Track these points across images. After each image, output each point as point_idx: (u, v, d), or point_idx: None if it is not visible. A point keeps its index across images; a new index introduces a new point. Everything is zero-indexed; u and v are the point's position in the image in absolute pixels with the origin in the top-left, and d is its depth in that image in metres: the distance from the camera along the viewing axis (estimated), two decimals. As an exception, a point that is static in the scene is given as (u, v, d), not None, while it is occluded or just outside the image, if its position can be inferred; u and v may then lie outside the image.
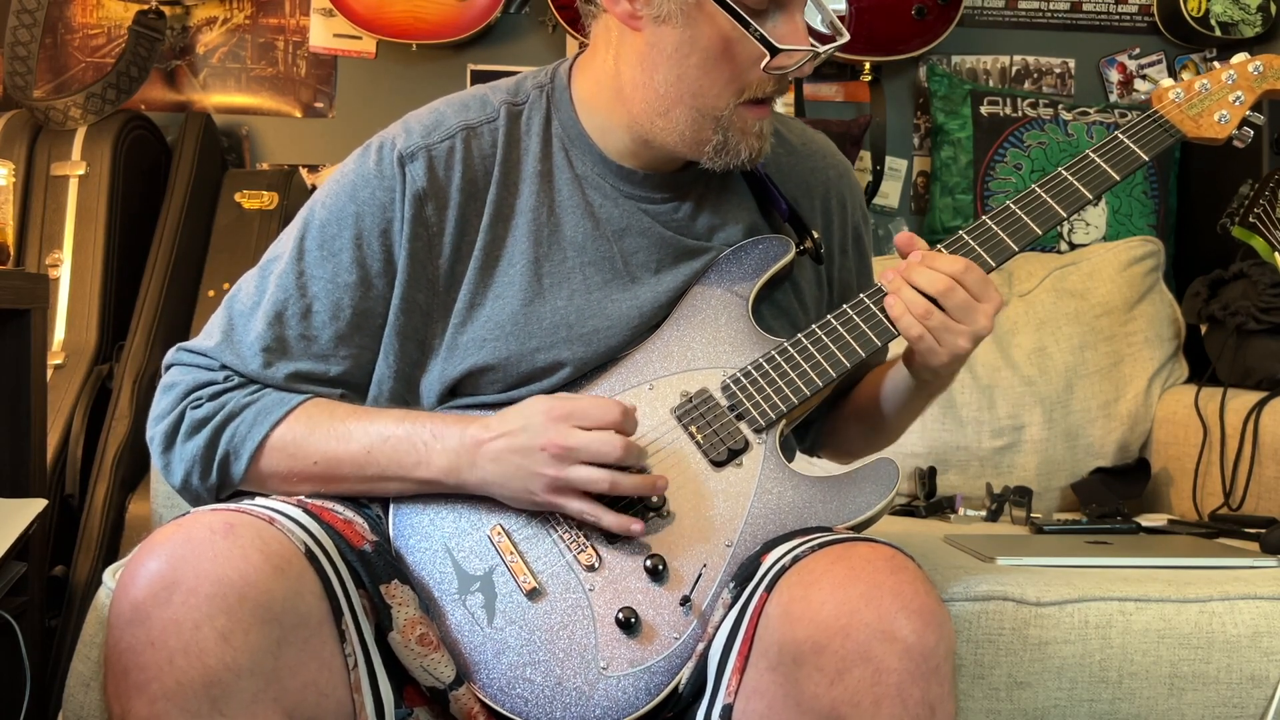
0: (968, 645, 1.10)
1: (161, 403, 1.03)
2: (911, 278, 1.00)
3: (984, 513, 1.73)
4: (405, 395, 1.06)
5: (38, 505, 1.37)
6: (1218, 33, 2.19)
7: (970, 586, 1.12)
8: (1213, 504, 1.71)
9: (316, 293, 1.03)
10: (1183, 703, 1.11)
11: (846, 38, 1.02)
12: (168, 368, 1.05)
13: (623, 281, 1.06)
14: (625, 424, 0.96)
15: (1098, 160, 1.07)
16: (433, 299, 1.05)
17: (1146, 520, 1.65)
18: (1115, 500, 1.75)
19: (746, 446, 1.01)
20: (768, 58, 0.97)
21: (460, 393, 1.06)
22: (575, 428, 0.94)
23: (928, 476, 1.79)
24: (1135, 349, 1.91)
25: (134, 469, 1.81)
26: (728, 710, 0.88)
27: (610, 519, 0.95)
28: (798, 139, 1.17)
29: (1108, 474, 1.84)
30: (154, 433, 1.02)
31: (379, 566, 0.94)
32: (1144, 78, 2.30)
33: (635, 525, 0.96)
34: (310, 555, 0.89)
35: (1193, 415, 1.78)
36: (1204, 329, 1.91)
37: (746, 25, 0.96)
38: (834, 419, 1.22)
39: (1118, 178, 1.07)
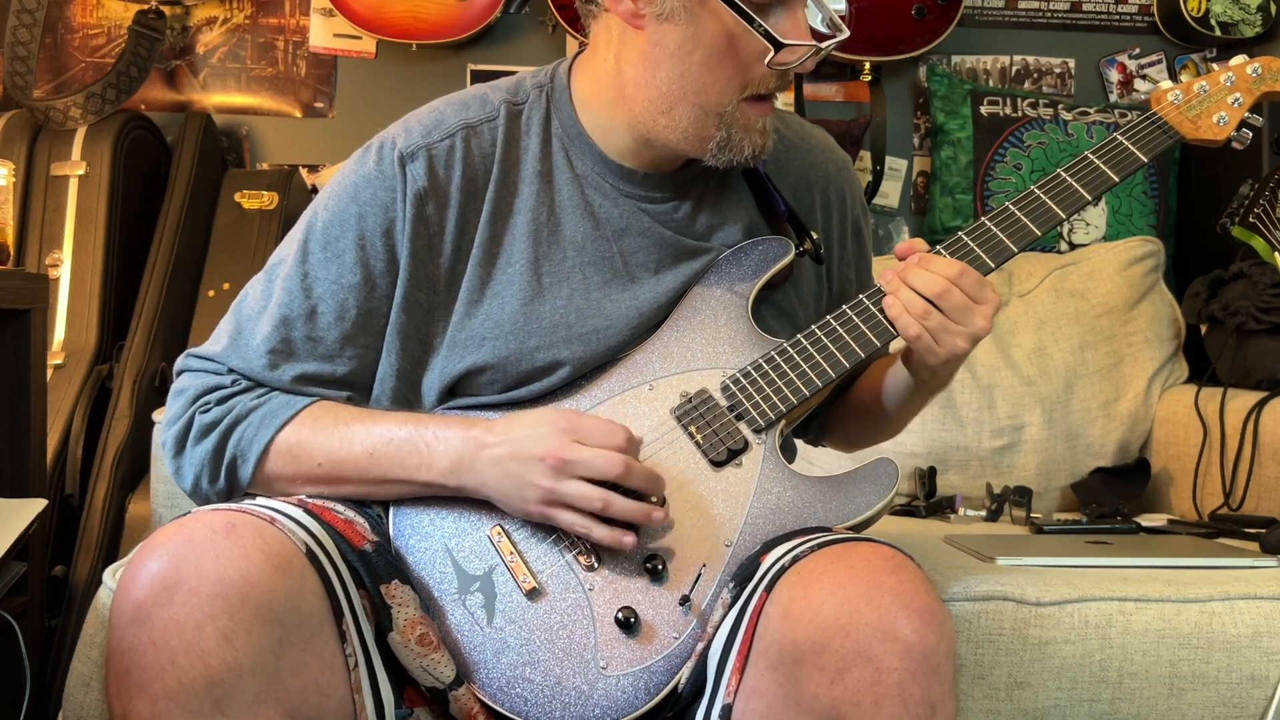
0: (968, 645, 1.10)
1: (172, 408, 1.04)
2: (908, 279, 1.00)
3: (984, 513, 1.73)
4: (407, 394, 1.06)
5: (38, 505, 1.37)
6: (1218, 33, 2.19)
7: (970, 586, 1.12)
8: (1213, 504, 1.71)
9: (321, 294, 1.03)
10: (1183, 703, 1.11)
11: (847, 33, 1.02)
12: (178, 374, 1.06)
13: (622, 281, 1.06)
14: (629, 448, 0.96)
15: (1097, 162, 1.07)
16: (434, 298, 1.05)
17: (1146, 520, 1.65)
18: (1115, 500, 1.75)
19: (746, 447, 1.01)
20: (772, 53, 0.97)
21: (460, 392, 1.06)
22: (577, 442, 0.94)
23: (928, 476, 1.79)
24: (1135, 349, 1.91)
25: (134, 469, 1.81)
26: (727, 710, 0.88)
27: (601, 531, 0.95)
28: (795, 134, 1.17)
29: (1108, 474, 1.84)
30: (165, 438, 1.03)
31: (380, 566, 0.94)
32: (1144, 78, 2.30)
33: (627, 538, 0.95)
34: (311, 555, 0.89)
35: (1193, 415, 1.78)
36: (1204, 329, 1.91)
37: (751, 21, 0.96)
38: (836, 412, 1.22)
39: (1117, 179, 1.07)
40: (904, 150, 2.30)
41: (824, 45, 0.99)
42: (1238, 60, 1.14)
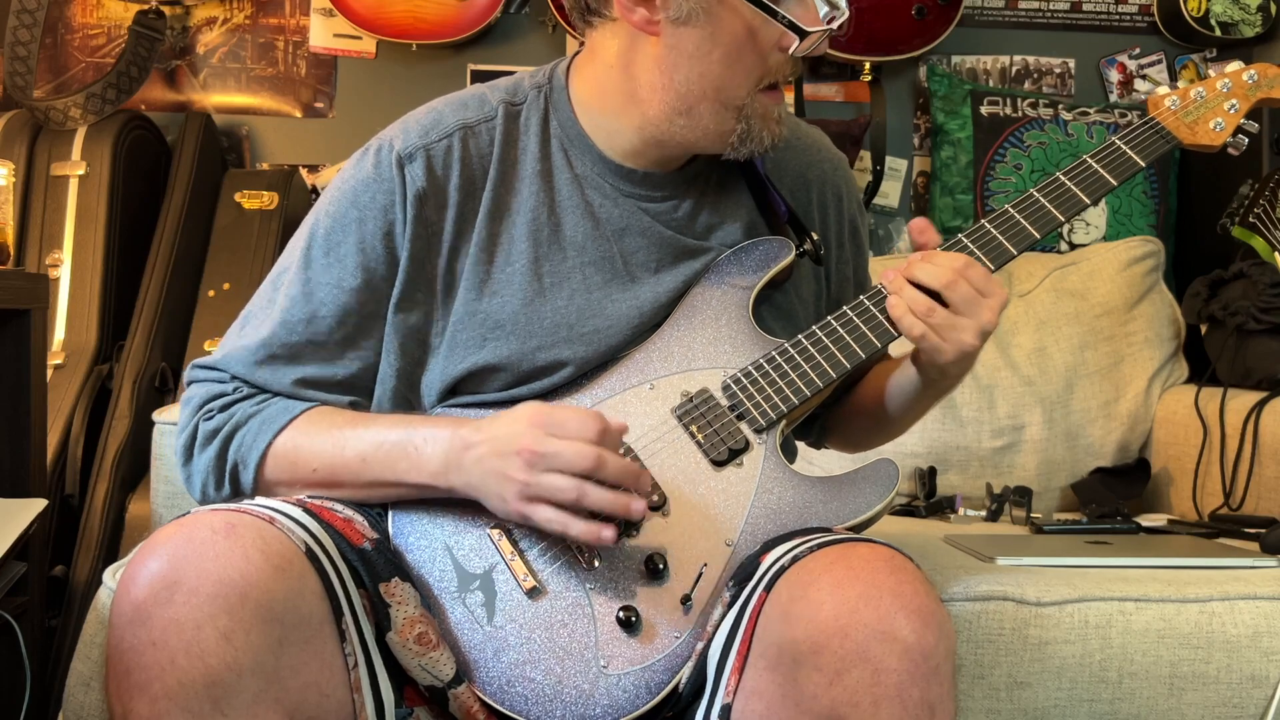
0: (968, 645, 1.10)
1: (181, 416, 1.05)
2: (913, 274, 1.00)
3: (984, 513, 1.73)
4: (407, 394, 1.06)
5: (38, 505, 1.37)
6: (1218, 33, 2.19)
7: (970, 586, 1.12)
8: (1213, 504, 1.71)
9: (323, 299, 1.03)
10: (1182, 703, 1.11)
11: (847, 12, 1.03)
12: (188, 383, 1.07)
13: (623, 281, 1.06)
14: (604, 439, 0.92)
15: (1096, 166, 1.08)
16: (432, 298, 1.05)
17: (1146, 520, 1.65)
18: (1115, 500, 1.75)
19: (747, 446, 1.01)
20: (796, 42, 0.99)
21: (461, 391, 1.06)
22: (550, 435, 0.92)
23: (928, 476, 1.79)
24: (1135, 349, 1.91)
25: (134, 469, 1.81)
26: (727, 710, 0.88)
27: (578, 527, 0.91)
28: (792, 133, 1.17)
29: (1108, 474, 1.84)
30: (175, 446, 1.04)
31: (379, 565, 0.95)
32: (1144, 78, 2.30)
33: (607, 532, 0.91)
34: (310, 555, 0.89)
35: (1193, 415, 1.78)
36: (1204, 329, 1.91)
37: (774, 14, 0.98)
38: (839, 413, 1.22)
39: (1115, 183, 1.08)
40: (904, 150, 2.30)
41: (835, 26, 1.01)
42: (1234, 67, 1.14)
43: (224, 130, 2.23)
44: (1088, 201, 1.07)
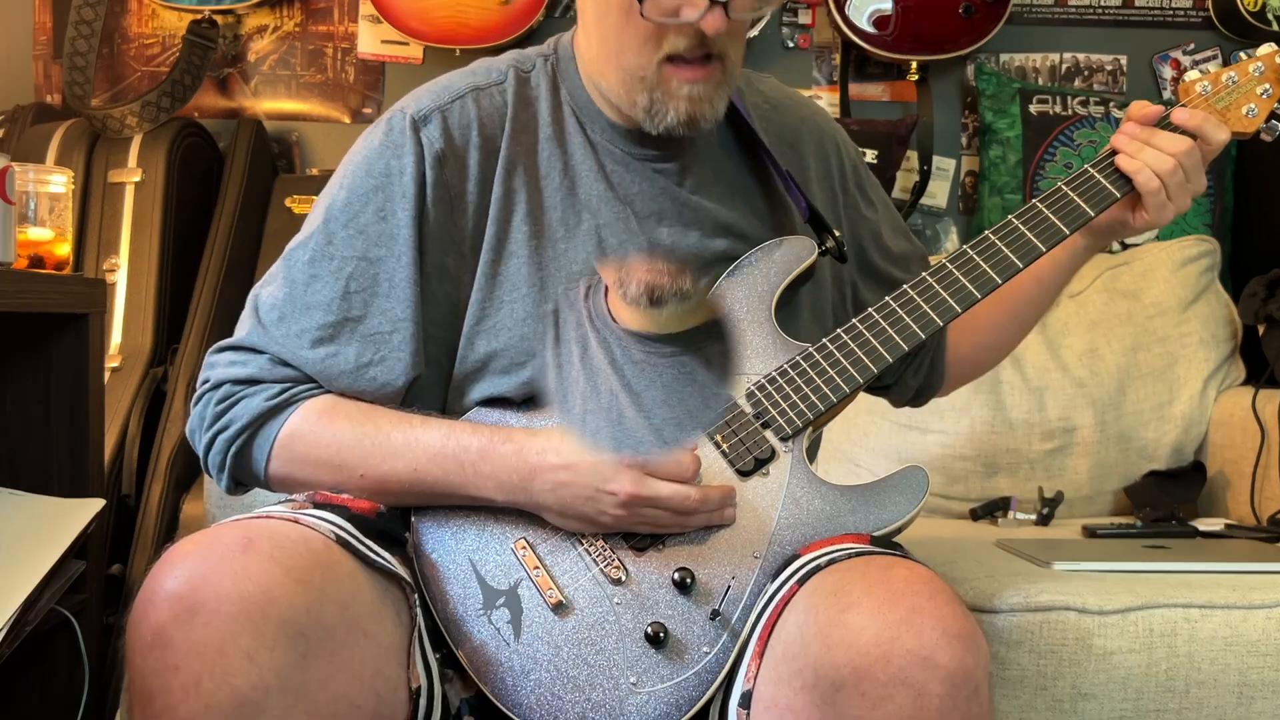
0: (1030, 656, 1.08)
1: (195, 412, 1.03)
2: (1154, 140, 1.05)
3: (1034, 516, 1.71)
4: (440, 359, 1.03)
5: (96, 505, 1.39)
6: (1275, 26, 2.14)
7: (1031, 596, 1.10)
8: (1271, 508, 1.67)
9: (352, 273, 1.00)
10: (1252, 711, 1.08)
11: (705, 12, 0.95)
12: (207, 367, 1.04)
13: (637, 243, 1.04)
14: (695, 476, 0.95)
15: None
16: (461, 261, 1.03)
17: (1202, 525, 1.61)
18: (1170, 503, 1.72)
19: (773, 456, 0.99)
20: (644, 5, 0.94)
21: (492, 366, 1.03)
22: (648, 476, 0.93)
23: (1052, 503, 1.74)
24: (1190, 350, 1.88)
25: (188, 470, 1.84)
26: (747, 697, 0.87)
27: (679, 531, 0.96)
28: (779, 95, 1.17)
29: (1162, 477, 1.80)
30: (197, 446, 1.04)
31: (395, 529, 0.96)
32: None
33: (729, 510, 0.97)
34: (341, 541, 0.88)
35: (1250, 418, 1.74)
36: (1261, 330, 1.86)
37: None
38: (956, 355, 1.24)
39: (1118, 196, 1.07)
40: (952, 150, 2.27)
41: (684, 16, 0.94)
42: (1265, 49, 1.10)
43: (274, 136, 2.26)
44: (1117, 195, 1.06)
